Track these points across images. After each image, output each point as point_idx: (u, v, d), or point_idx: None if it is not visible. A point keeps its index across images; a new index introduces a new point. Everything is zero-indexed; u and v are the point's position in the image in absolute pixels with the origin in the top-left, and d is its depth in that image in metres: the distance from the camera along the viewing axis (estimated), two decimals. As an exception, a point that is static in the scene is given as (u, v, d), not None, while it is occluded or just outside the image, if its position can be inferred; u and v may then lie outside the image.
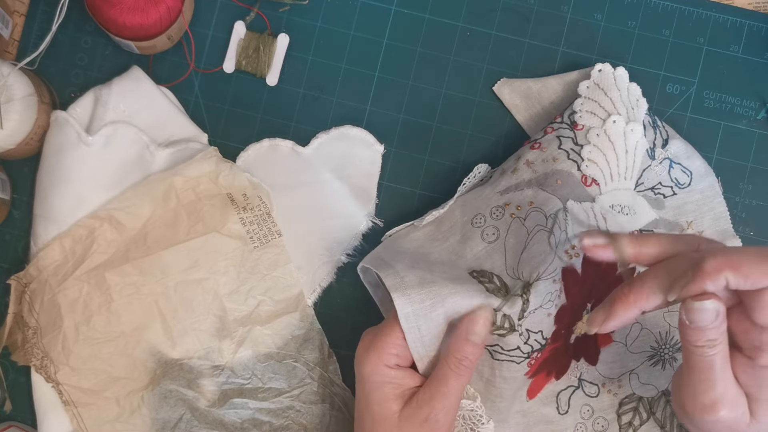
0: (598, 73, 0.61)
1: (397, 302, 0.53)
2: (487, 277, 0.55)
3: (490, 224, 0.59)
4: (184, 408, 0.62)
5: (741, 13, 0.66)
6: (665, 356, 0.63)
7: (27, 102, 0.61)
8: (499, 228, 0.58)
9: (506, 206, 0.59)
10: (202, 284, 0.63)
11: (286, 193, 0.65)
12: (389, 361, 0.53)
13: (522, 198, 0.59)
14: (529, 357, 0.56)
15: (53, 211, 0.63)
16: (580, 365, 0.63)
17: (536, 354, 0.56)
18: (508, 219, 0.58)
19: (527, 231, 0.57)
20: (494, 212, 0.59)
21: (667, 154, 0.63)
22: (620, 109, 0.60)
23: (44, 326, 0.62)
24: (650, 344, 0.63)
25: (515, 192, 0.59)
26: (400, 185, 0.66)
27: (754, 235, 0.66)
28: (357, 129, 0.65)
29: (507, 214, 0.58)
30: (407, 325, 0.53)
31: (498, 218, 0.59)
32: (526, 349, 0.56)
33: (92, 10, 0.61)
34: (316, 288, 0.65)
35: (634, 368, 0.63)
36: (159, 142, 0.64)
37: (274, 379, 0.63)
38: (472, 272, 0.56)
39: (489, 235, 0.58)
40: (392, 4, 0.66)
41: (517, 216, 0.58)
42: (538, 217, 0.57)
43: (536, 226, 0.57)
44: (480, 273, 0.56)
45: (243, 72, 0.66)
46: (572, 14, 0.66)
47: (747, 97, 0.66)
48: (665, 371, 0.63)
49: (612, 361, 0.63)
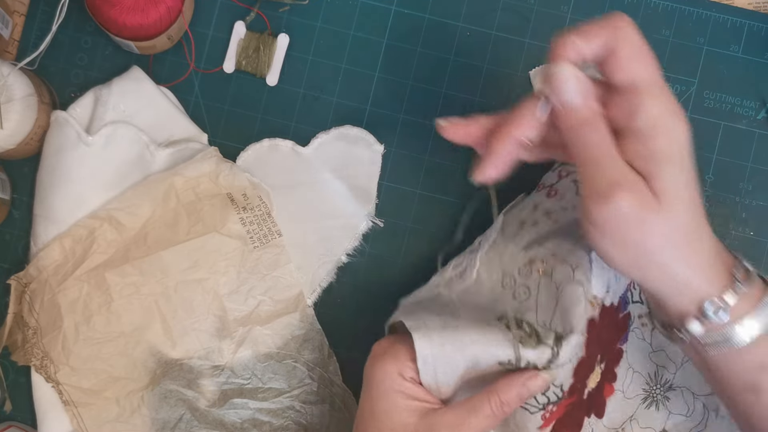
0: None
1: (417, 343, 0.50)
2: (517, 323, 0.53)
3: (521, 283, 0.56)
4: (184, 408, 0.62)
5: (741, 13, 0.66)
6: (657, 397, 0.63)
7: (27, 102, 0.61)
8: (530, 287, 0.55)
9: (531, 263, 0.56)
10: (202, 284, 0.63)
11: (286, 193, 0.65)
12: (405, 372, 0.50)
13: (545, 252, 0.56)
14: (544, 409, 0.54)
15: (53, 211, 0.63)
16: (591, 421, 0.61)
17: (551, 407, 0.54)
18: (537, 276, 0.55)
19: (556, 286, 0.54)
20: (522, 271, 0.56)
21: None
22: None
23: (44, 326, 0.62)
24: (642, 387, 0.62)
25: (539, 248, 0.56)
26: (400, 185, 0.66)
27: (754, 235, 0.66)
28: (357, 129, 0.65)
29: (534, 270, 0.56)
30: (424, 367, 0.51)
31: (527, 276, 0.56)
32: (542, 400, 0.53)
33: (92, 10, 0.61)
34: (316, 288, 0.65)
35: (633, 414, 0.63)
36: (159, 142, 0.64)
37: (274, 379, 0.63)
38: (502, 317, 0.53)
39: (520, 294, 0.56)
40: (392, 4, 0.67)
41: (544, 272, 0.55)
42: (564, 271, 0.54)
43: (564, 278, 0.54)
44: (509, 319, 0.54)
45: (243, 72, 0.66)
46: (572, 14, 0.66)
47: (747, 97, 0.66)
48: (659, 412, 0.63)
49: (613, 410, 0.62)
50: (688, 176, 0.45)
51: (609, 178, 0.44)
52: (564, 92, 0.45)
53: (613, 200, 0.44)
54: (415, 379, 0.50)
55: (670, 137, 0.45)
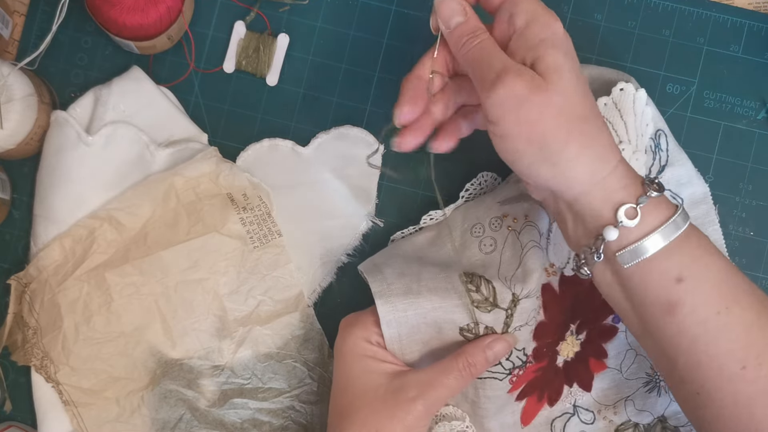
0: (619, 92, 0.59)
1: (380, 309, 0.54)
2: (475, 284, 0.56)
3: (489, 235, 0.59)
4: (184, 408, 0.62)
5: (741, 13, 0.66)
6: (660, 382, 0.63)
7: (27, 102, 0.61)
8: (497, 240, 0.58)
9: (504, 217, 0.59)
10: (202, 284, 0.63)
11: (286, 193, 0.65)
12: (371, 337, 0.54)
13: (519, 210, 0.59)
14: (510, 374, 0.57)
15: (53, 211, 0.63)
16: (574, 391, 0.63)
17: (518, 371, 0.57)
18: (505, 231, 0.58)
19: (521, 246, 0.57)
20: (493, 223, 0.59)
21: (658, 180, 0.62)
22: (631, 137, 0.59)
23: (44, 326, 0.62)
24: (645, 371, 0.63)
25: (514, 204, 0.59)
26: (400, 185, 0.66)
27: (754, 235, 0.66)
28: (357, 129, 0.65)
29: (504, 226, 0.59)
30: (388, 331, 0.54)
31: (496, 230, 0.59)
32: (507, 365, 0.56)
33: (92, 10, 0.61)
34: (316, 288, 0.65)
35: (630, 395, 0.63)
36: (159, 142, 0.64)
37: (274, 379, 0.63)
38: (464, 274, 0.56)
39: (486, 246, 0.59)
40: (392, 4, 0.67)
41: (513, 229, 0.58)
42: (532, 233, 0.58)
43: (530, 241, 0.57)
44: (471, 276, 0.56)
45: (243, 72, 0.66)
46: (572, 14, 0.66)
47: (747, 97, 0.66)
48: (661, 398, 0.63)
49: (607, 387, 0.63)
50: (572, 63, 0.49)
51: (496, 69, 0.48)
52: (447, 17, 0.51)
53: (502, 84, 0.47)
54: (381, 344, 0.55)
55: (549, 26, 0.49)
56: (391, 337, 0.55)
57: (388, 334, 0.54)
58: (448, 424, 0.57)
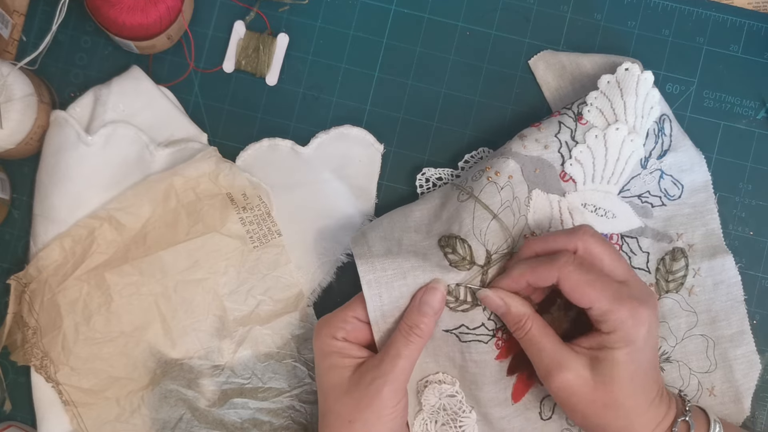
0: (624, 71, 0.59)
1: (360, 269, 0.55)
2: (451, 247, 0.56)
3: (468, 185, 0.59)
4: (184, 408, 0.62)
5: (741, 13, 0.66)
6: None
7: (27, 102, 0.61)
8: (473, 188, 0.58)
9: (487, 169, 0.59)
10: (202, 284, 0.63)
11: (286, 192, 0.65)
12: (337, 333, 0.55)
13: (503, 166, 0.58)
14: (494, 336, 0.56)
15: (53, 211, 0.63)
16: None
17: (501, 333, 0.57)
18: (485, 181, 0.58)
19: (500, 201, 0.57)
20: (475, 176, 0.59)
21: (660, 165, 0.63)
22: (629, 117, 0.59)
23: (44, 326, 0.62)
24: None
25: (499, 157, 0.59)
26: (400, 185, 0.66)
27: (753, 235, 0.66)
28: (357, 129, 0.65)
29: (485, 177, 0.58)
30: (369, 291, 0.55)
31: (475, 180, 0.59)
32: (490, 325, 0.56)
33: (92, 10, 0.61)
34: (316, 288, 0.65)
35: None
36: (159, 142, 0.64)
37: (274, 378, 0.63)
38: (441, 238, 0.56)
39: (462, 195, 0.58)
40: (392, 4, 0.67)
41: (494, 181, 0.58)
42: (509, 195, 0.58)
43: (506, 201, 0.57)
44: (447, 239, 0.56)
45: (243, 72, 0.66)
46: (572, 14, 0.66)
47: (747, 97, 0.66)
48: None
49: None
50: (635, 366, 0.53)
51: (545, 363, 0.54)
52: (493, 308, 0.55)
53: (552, 380, 0.53)
54: (347, 338, 0.55)
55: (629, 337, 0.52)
56: (372, 298, 0.55)
57: (369, 295, 0.55)
58: (437, 386, 0.58)
